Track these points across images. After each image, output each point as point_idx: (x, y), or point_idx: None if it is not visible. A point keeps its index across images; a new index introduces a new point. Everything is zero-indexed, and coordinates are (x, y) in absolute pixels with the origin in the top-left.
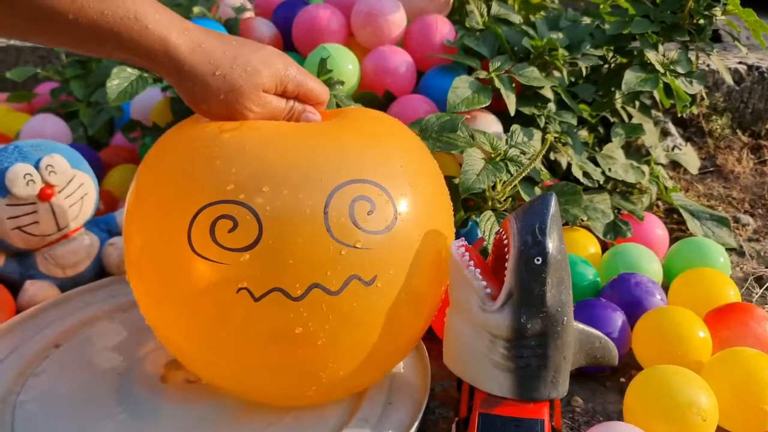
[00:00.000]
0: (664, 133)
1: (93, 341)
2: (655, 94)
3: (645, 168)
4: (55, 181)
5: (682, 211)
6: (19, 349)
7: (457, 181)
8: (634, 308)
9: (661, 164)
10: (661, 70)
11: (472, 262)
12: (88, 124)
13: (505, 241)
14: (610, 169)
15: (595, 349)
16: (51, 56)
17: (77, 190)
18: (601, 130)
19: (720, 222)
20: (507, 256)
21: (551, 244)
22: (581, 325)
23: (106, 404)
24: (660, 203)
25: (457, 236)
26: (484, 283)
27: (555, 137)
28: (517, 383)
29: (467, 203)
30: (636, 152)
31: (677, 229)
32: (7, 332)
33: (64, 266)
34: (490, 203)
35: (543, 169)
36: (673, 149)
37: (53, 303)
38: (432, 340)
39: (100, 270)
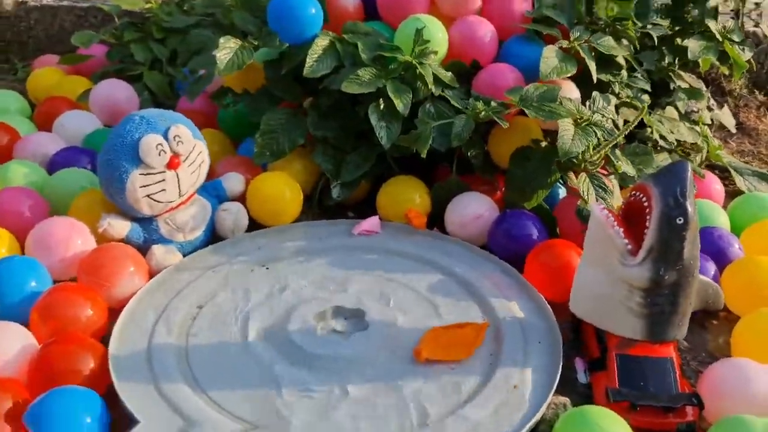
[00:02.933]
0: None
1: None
2: (700, 61)
3: (697, 129)
4: (182, 150)
5: (729, 167)
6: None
7: (544, 144)
8: (718, 258)
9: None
10: (720, 38)
11: (615, 222)
12: (188, 93)
13: (645, 203)
14: (675, 131)
15: (708, 295)
16: (89, 15)
17: (197, 158)
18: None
19: (760, 177)
20: (648, 217)
21: (690, 206)
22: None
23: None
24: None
25: (546, 197)
26: (626, 240)
27: (626, 101)
28: (650, 327)
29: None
30: (685, 115)
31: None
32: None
33: (185, 231)
34: (581, 166)
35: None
36: (709, 110)
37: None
38: None
39: (212, 234)
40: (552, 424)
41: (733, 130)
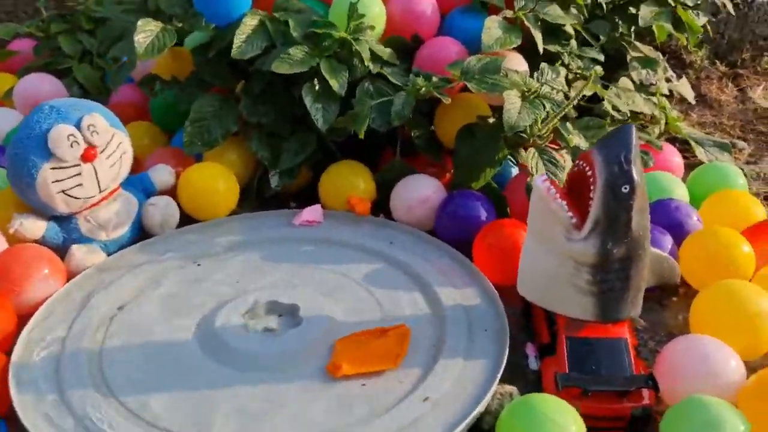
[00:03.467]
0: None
1: (157, 300)
2: (654, 29)
3: (654, 100)
4: (98, 141)
5: (689, 138)
6: (83, 313)
7: (491, 120)
8: (676, 231)
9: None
10: (672, 4)
11: (558, 195)
12: (110, 82)
13: (589, 173)
14: (630, 102)
15: (663, 269)
16: (18, 10)
17: (116, 149)
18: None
19: (721, 147)
20: (592, 187)
21: (636, 174)
22: (652, 248)
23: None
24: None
25: (495, 175)
26: (570, 214)
27: (577, 73)
28: (601, 306)
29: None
30: (642, 86)
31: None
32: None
33: (107, 228)
34: (530, 140)
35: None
36: (668, 81)
37: (102, 267)
38: None
39: (139, 231)
40: (497, 415)
41: (693, 101)
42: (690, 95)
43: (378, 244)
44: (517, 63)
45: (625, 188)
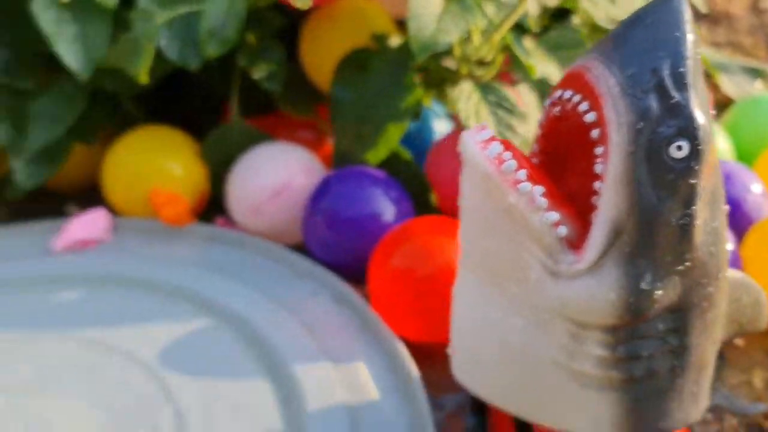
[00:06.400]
0: None
1: None
2: None
3: None
4: None
5: (707, 65)
6: None
7: (394, 43)
8: (734, 217)
9: None
10: None
11: (523, 174)
12: None
13: (587, 118)
14: (618, 4)
15: (741, 307)
16: None
17: None
18: None
19: (754, 73)
20: (596, 151)
21: (699, 108)
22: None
23: None
24: None
25: (410, 138)
26: (556, 215)
27: None
28: (631, 408)
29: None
30: None
31: None
32: None
33: None
34: (464, 71)
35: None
36: None
37: None
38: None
39: None
40: None
41: (704, 10)
42: (702, 4)
43: (199, 281)
44: None
45: (679, 147)
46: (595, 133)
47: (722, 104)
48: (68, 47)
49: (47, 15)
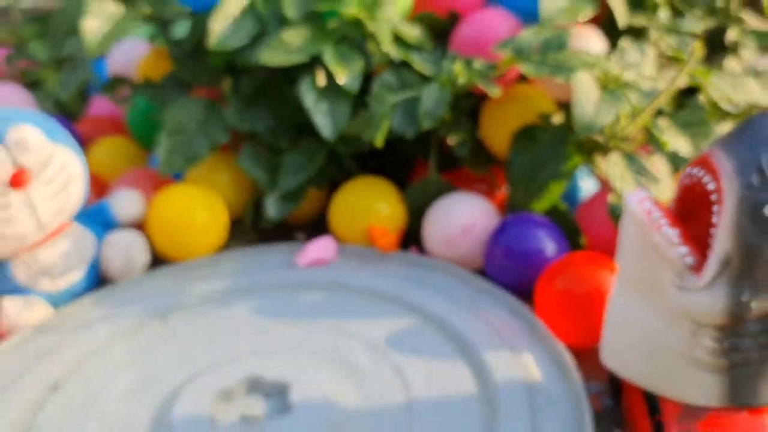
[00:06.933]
0: None
1: (103, 376)
2: None
3: None
4: (31, 161)
5: None
6: (6, 396)
7: (558, 119)
8: None
9: None
10: None
11: (665, 221)
12: (60, 88)
13: (710, 186)
14: (740, 89)
15: None
16: None
17: (60, 172)
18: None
19: None
20: (716, 208)
21: None
22: None
23: None
24: None
25: (565, 194)
26: (685, 249)
27: (669, 55)
28: (731, 386)
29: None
30: (754, 72)
31: None
32: None
33: (53, 274)
34: (610, 144)
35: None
36: None
37: (43, 327)
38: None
39: (97, 276)
40: None
41: None
42: None
43: (407, 290)
44: (590, 40)
45: None
46: (714, 197)
47: None
48: (322, 119)
49: (309, 96)
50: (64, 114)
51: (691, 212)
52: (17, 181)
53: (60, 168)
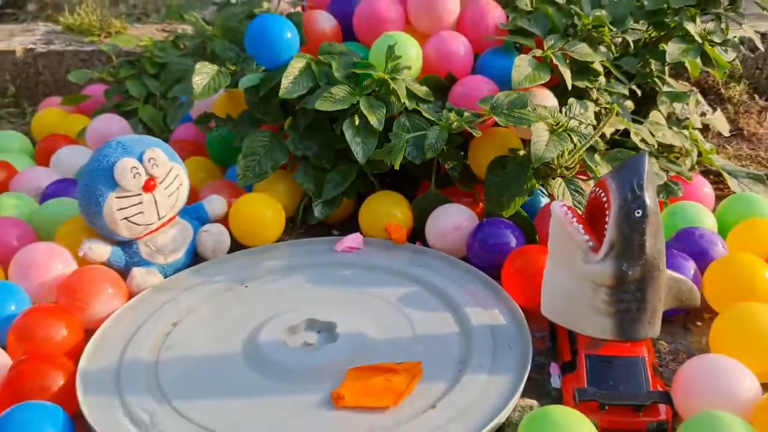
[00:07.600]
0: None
1: (207, 317)
2: (687, 65)
3: (686, 133)
4: (158, 173)
5: (721, 170)
6: (142, 329)
7: (522, 153)
8: (701, 258)
9: (697, 129)
10: (700, 41)
11: (575, 219)
12: (169, 120)
13: (604, 198)
14: (659, 135)
15: (681, 292)
16: (93, 58)
17: (174, 180)
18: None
19: (755, 179)
20: (607, 212)
21: (649, 198)
22: (669, 271)
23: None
24: (696, 165)
25: (526, 205)
26: (587, 237)
27: (606, 108)
28: (618, 326)
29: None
30: (674, 120)
31: (715, 188)
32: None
33: (165, 253)
34: (558, 171)
35: (597, 138)
36: (702, 115)
37: (159, 288)
38: None
39: (193, 256)
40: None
41: (727, 134)
42: (725, 128)
43: (413, 269)
44: (546, 98)
45: (638, 212)
46: (606, 205)
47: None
48: (357, 147)
49: (349, 132)
50: None
51: (594, 215)
52: (149, 187)
53: (174, 178)
